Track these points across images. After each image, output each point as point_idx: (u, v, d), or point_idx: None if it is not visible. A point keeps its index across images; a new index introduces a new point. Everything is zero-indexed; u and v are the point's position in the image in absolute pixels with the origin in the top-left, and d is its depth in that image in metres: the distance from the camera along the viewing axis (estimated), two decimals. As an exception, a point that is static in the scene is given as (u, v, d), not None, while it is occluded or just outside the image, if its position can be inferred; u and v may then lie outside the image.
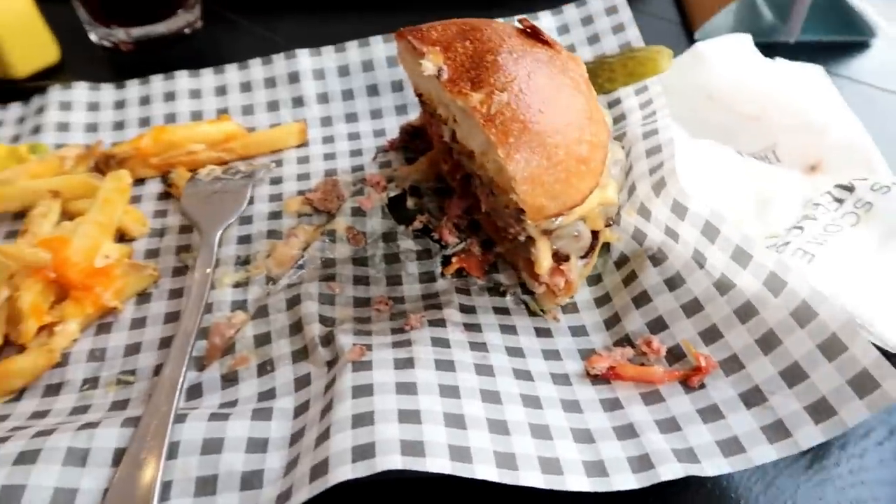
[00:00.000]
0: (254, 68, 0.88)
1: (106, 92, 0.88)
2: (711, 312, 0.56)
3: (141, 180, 0.79)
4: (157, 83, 0.87)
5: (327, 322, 0.61)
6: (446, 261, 0.69)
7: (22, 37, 0.95)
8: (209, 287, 0.63)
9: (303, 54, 0.88)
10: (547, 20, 0.88)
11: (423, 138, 0.79)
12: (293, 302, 0.64)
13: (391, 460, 0.45)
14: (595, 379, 0.56)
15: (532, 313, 0.63)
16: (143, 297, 0.68)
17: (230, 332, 0.63)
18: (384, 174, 0.77)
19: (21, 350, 0.62)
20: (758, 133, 0.76)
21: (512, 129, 0.54)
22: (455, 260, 0.68)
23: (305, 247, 0.70)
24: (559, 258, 0.60)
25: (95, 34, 1.03)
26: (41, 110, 0.85)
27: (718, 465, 0.48)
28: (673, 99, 0.75)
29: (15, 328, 0.62)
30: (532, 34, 0.60)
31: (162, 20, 1.03)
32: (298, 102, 0.86)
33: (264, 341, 0.61)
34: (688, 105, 0.78)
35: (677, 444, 0.49)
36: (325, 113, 0.85)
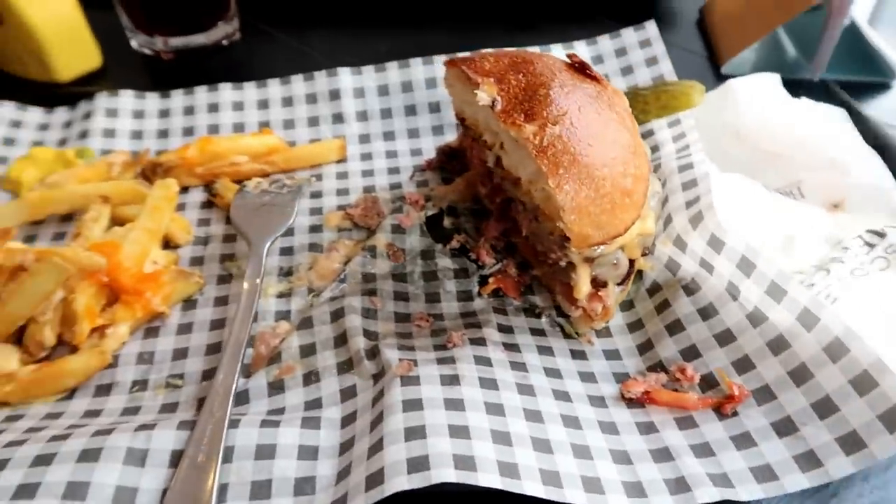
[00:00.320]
0: (296, 84, 0.91)
1: (151, 100, 0.90)
2: (744, 343, 0.58)
3: (185, 189, 0.81)
4: (202, 94, 0.90)
5: (371, 336, 0.64)
6: (483, 280, 0.71)
7: (67, 41, 0.97)
8: (258, 297, 0.65)
9: (344, 72, 0.90)
10: (581, 49, 0.91)
11: (460, 160, 0.82)
12: (337, 315, 0.66)
13: (446, 473, 0.47)
14: (630, 402, 0.59)
15: (567, 336, 0.66)
16: (189, 304, 0.70)
17: (275, 342, 0.65)
18: (422, 193, 0.80)
19: (72, 350, 0.65)
20: (783, 169, 0.79)
21: (562, 161, 0.57)
22: (492, 280, 0.70)
23: (346, 261, 0.73)
24: (597, 284, 0.63)
25: (136, 41, 1.06)
26: (88, 116, 0.87)
27: (752, 491, 0.50)
28: (702, 133, 0.78)
29: (69, 329, 0.64)
30: (580, 69, 0.63)
31: (202, 31, 1.05)
32: (338, 119, 0.88)
33: (309, 352, 0.63)
34: (716, 139, 0.81)
35: (712, 469, 0.52)
36: (364, 130, 0.88)
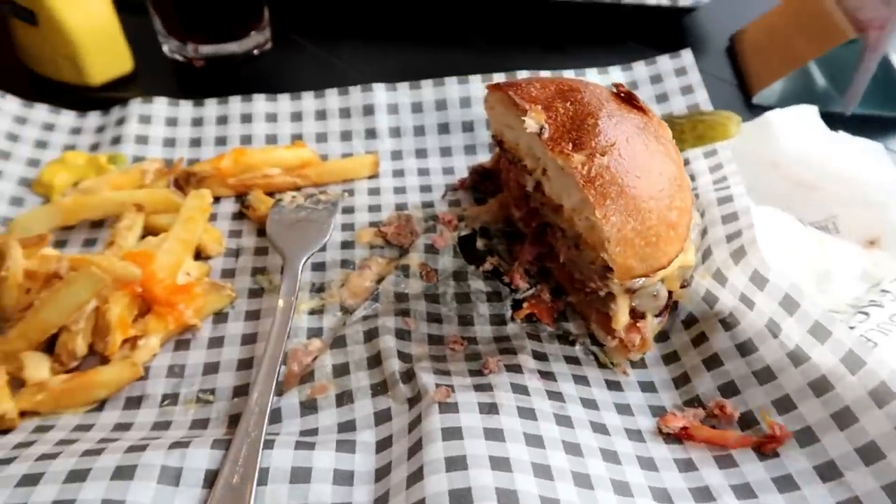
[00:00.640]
0: (330, 97, 0.90)
1: (184, 108, 0.90)
2: (784, 382, 0.58)
3: (217, 199, 0.81)
4: (235, 104, 0.90)
5: (405, 358, 0.63)
6: (517, 305, 0.70)
7: (101, 45, 0.97)
8: (294, 315, 0.65)
9: (379, 88, 0.90)
10: (616, 75, 0.91)
11: (493, 180, 0.81)
12: (371, 335, 0.65)
13: (489, 507, 0.46)
14: (667, 437, 0.58)
15: (601, 365, 0.65)
16: (220, 317, 0.70)
17: (307, 360, 0.65)
18: (454, 213, 0.79)
19: (103, 360, 0.64)
20: (819, 203, 0.79)
21: (609, 192, 0.56)
22: (526, 305, 0.70)
23: (379, 279, 0.72)
24: (635, 315, 0.62)
25: (168, 46, 1.06)
26: (121, 121, 0.87)
27: (796, 535, 0.50)
28: (737, 163, 0.77)
29: (102, 339, 0.63)
30: (627, 99, 0.63)
31: (235, 40, 1.06)
32: (371, 134, 0.88)
33: (343, 372, 0.63)
34: (751, 171, 0.80)
35: (754, 511, 0.51)
36: (397, 147, 0.88)
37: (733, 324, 0.62)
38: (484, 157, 0.87)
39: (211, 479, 0.52)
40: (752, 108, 0.99)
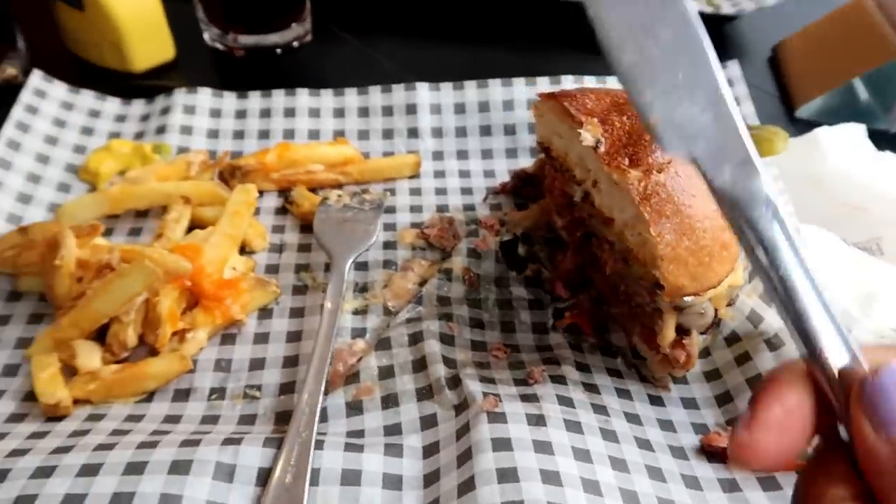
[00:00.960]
0: (373, 94, 0.90)
1: (228, 100, 0.90)
2: (829, 406, 0.58)
3: (260, 193, 0.81)
4: (279, 98, 0.90)
5: (450, 364, 0.64)
6: (558, 314, 0.71)
7: (146, 32, 0.98)
8: (339, 315, 0.65)
9: (422, 87, 0.90)
10: (662, 84, 0.90)
11: (535, 186, 0.82)
12: (415, 338, 0.66)
13: (541, 519, 0.47)
14: (710, 456, 0.58)
15: (643, 379, 0.66)
16: (265, 313, 0.70)
17: (352, 360, 0.65)
18: (496, 217, 0.80)
19: (151, 352, 0.65)
20: (863, 223, 0.79)
21: (665, 210, 0.56)
22: (568, 315, 0.70)
23: (421, 282, 0.73)
24: (680, 331, 0.63)
25: (209, 34, 1.06)
26: (166, 111, 0.88)
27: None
28: (782, 180, 0.77)
29: (151, 331, 0.64)
30: (683, 116, 0.62)
31: (276, 31, 1.06)
32: (413, 133, 0.88)
33: (388, 374, 0.64)
34: (795, 188, 0.80)
35: (799, 534, 0.52)
36: (438, 147, 0.88)
37: (778, 344, 0.63)
38: (525, 161, 0.87)
39: (263, 477, 0.53)
40: (794, 121, 0.98)
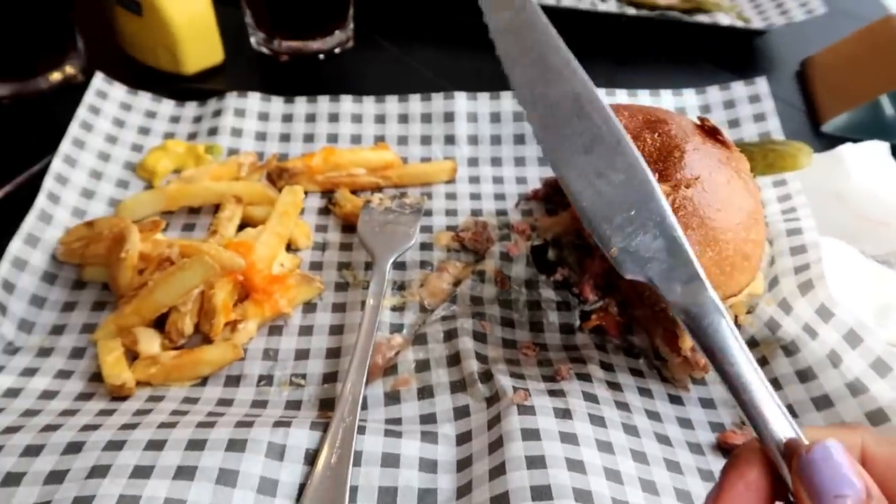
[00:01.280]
0: (413, 102, 0.95)
1: (276, 104, 0.96)
2: (842, 411, 0.61)
3: (305, 194, 0.86)
4: (324, 103, 0.95)
5: (482, 359, 0.68)
6: (585, 316, 0.75)
7: (198, 36, 1.03)
8: (380, 311, 0.70)
9: (460, 96, 0.95)
10: (690, 99, 0.94)
11: (565, 194, 0.85)
12: (450, 335, 0.70)
13: (568, 504, 0.51)
14: (726, 452, 0.62)
15: (664, 379, 0.69)
16: (309, 307, 0.75)
17: (390, 353, 0.70)
18: (527, 222, 0.84)
19: (205, 340, 0.70)
20: (883, 238, 0.81)
21: (691, 223, 0.60)
22: (594, 317, 0.74)
23: (455, 282, 0.77)
24: (701, 336, 0.66)
25: (255, 38, 1.12)
26: (218, 113, 0.93)
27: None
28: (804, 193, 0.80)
29: (207, 321, 0.70)
30: (710, 133, 0.66)
31: (320, 37, 1.11)
32: (450, 140, 0.93)
33: (424, 367, 0.68)
34: (816, 202, 0.83)
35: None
36: (474, 154, 0.92)
37: (794, 351, 0.66)
38: (556, 170, 0.91)
39: (310, 458, 0.58)
40: (819, 136, 1.01)
